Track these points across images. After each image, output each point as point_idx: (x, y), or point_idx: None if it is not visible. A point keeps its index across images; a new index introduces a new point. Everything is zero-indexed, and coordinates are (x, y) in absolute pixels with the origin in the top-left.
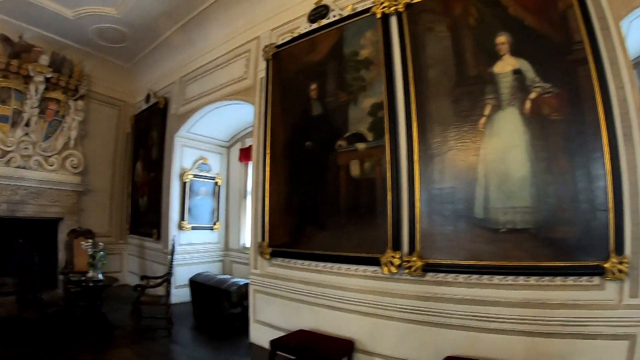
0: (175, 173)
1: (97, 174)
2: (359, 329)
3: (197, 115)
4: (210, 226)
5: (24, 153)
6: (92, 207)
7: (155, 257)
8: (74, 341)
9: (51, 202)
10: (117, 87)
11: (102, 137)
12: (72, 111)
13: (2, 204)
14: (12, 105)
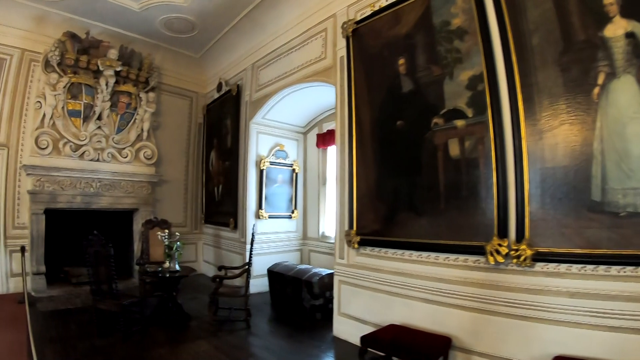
0: (252, 161)
1: (170, 165)
2: (457, 325)
3: (273, 101)
4: (288, 214)
5: (97, 146)
6: (166, 197)
7: (231, 247)
8: (149, 332)
9: (126, 193)
10: (187, 78)
11: (175, 128)
12: (144, 103)
13: (76, 197)
14: (83, 100)
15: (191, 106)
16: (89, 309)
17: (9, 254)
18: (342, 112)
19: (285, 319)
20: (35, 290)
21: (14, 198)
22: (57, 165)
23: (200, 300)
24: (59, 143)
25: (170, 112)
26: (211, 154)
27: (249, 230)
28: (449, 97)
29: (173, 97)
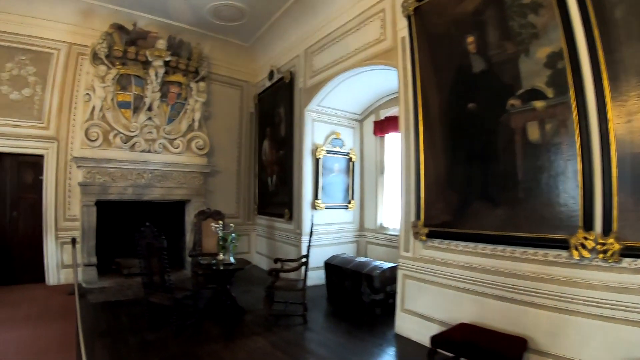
0: (307, 149)
1: (222, 155)
2: (532, 325)
3: (328, 87)
4: (345, 205)
5: (148, 137)
6: (218, 188)
7: (286, 238)
8: (202, 327)
9: (178, 184)
10: (237, 67)
11: (226, 118)
12: (195, 93)
13: (128, 188)
14: (133, 91)
15: (242, 95)
16: (141, 301)
17: (60, 245)
18: (405, 95)
19: (343, 313)
20: (86, 281)
21: (64, 190)
22: (107, 157)
23: (253, 293)
24: (109, 135)
25: (221, 102)
26: (264, 144)
27: (305, 222)
28: (525, 76)
29: (223, 86)
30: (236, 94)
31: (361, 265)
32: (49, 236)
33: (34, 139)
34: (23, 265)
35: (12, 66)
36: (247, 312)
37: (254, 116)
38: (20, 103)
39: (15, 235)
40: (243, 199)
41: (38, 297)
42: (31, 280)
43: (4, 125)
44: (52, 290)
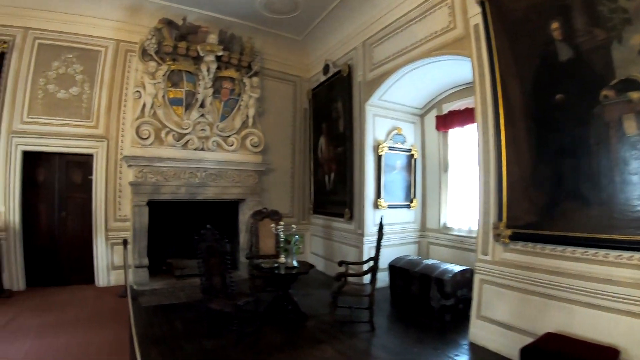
0: (369, 146)
1: (276, 153)
2: (626, 334)
3: (391, 80)
4: (407, 204)
5: (201, 135)
6: (273, 187)
7: (345, 239)
8: (264, 334)
9: (232, 183)
10: (289, 62)
11: (279, 115)
12: (248, 88)
13: (181, 188)
14: (184, 88)
15: (295, 91)
16: (195, 305)
17: (110, 246)
18: (481, 87)
19: (410, 319)
20: (137, 283)
21: (115, 190)
22: (159, 155)
23: (314, 296)
24: (161, 132)
25: (274, 98)
26: (320, 140)
27: (367, 222)
28: (619, 65)
29: (275, 82)
30: (289, 89)
31: (430, 268)
32: (98, 237)
33: (83, 138)
34: (72, 266)
35: (59, 65)
36: (310, 317)
37: (308, 112)
38: (67, 102)
39: (64, 236)
40: (298, 198)
41: (87, 299)
42: (80, 281)
43: (51, 125)
44: (102, 291)
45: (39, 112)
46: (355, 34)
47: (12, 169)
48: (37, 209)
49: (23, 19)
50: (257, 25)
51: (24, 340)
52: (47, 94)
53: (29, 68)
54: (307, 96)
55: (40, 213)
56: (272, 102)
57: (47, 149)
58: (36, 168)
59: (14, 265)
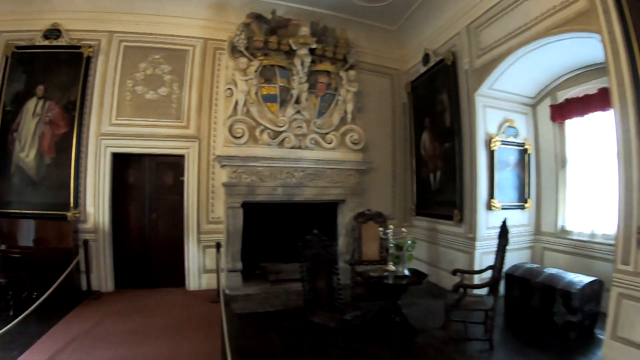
0: (480, 140)
1: (376, 151)
2: None
3: (503, 65)
4: (521, 205)
5: (297, 132)
6: (373, 187)
7: (452, 243)
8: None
9: (331, 183)
10: (384, 54)
11: (377, 110)
12: (345, 82)
13: (277, 189)
14: (278, 83)
15: (392, 85)
16: (292, 313)
17: (202, 249)
18: (616, 66)
19: (529, 336)
20: (229, 287)
21: (207, 192)
22: (254, 155)
23: (419, 307)
24: (255, 131)
25: (370, 93)
26: (422, 136)
27: (479, 224)
28: None
29: (371, 75)
30: (386, 83)
31: (554, 278)
32: (190, 239)
33: (174, 138)
34: (162, 268)
35: (146, 66)
36: (418, 332)
37: (407, 106)
38: (156, 102)
39: (154, 237)
40: (399, 199)
41: (177, 304)
42: (170, 284)
43: (141, 126)
44: (193, 296)
45: (127, 114)
46: (457, 17)
47: (101, 171)
48: (127, 210)
49: (107, 23)
50: (349, 16)
51: (106, 349)
52: (135, 95)
53: (115, 70)
54: (406, 89)
55: (130, 214)
56: (369, 97)
57: (137, 150)
58: (126, 170)
59: (102, 266)
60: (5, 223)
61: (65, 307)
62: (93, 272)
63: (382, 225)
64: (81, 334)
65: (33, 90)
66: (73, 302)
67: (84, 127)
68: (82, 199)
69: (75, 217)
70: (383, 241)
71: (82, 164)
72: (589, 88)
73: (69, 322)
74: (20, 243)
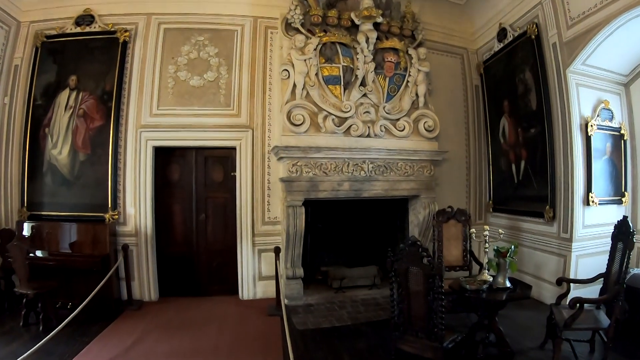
0: (575, 125)
1: (447, 139)
2: None
3: (600, 37)
4: (618, 199)
5: (365, 118)
6: (444, 180)
7: (540, 244)
8: None
9: (403, 176)
10: (452, 32)
11: (447, 94)
12: (415, 61)
13: (343, 183)
14: (341, 63)
15: (463, 65)
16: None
17: (257, 253)
18: None
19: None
20: (289, 297)
21: (262, 188)
22: (316, 145)
23: (509, 319)
24: (317, 117)
25: (439, 74)
26: (501, 122)
27: (576, 223)
28: None
29: (438, 55)
30: (456, 63)
31: None
32: (243, 242)
33: (223, 128)
34: (212, 275)
35: (189, 49)
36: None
37: (481, 89)
38: (202, 89)
39: (202, 241)
40: (474, 193)
41: (229, 317)
42: (221, 292)
43: (185, 116)
44: (247, 306)
45: (170, 103)
46: None
47: (142, 167)
48: (171, 211)
49: (144, 4)
50: None
51: None
52: (178, 81)
53: (155, 56)
54: (478, 70)
55: (175, 215)
56: (438, 79)
57: (182, 143)
58: (169, 165)
59: (145, 273)
60: (38, 227)
61: (103, 318)
62: (134, 280)
63: (465, 225)
64: (119, 355)
65: (65, 81)
66: (112, 313)
67: (121, 118)
68: (121, 199)
69: (114, 219)
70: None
71: (120, 160)
72: None
73: (105, 339)
74: (54, 249)
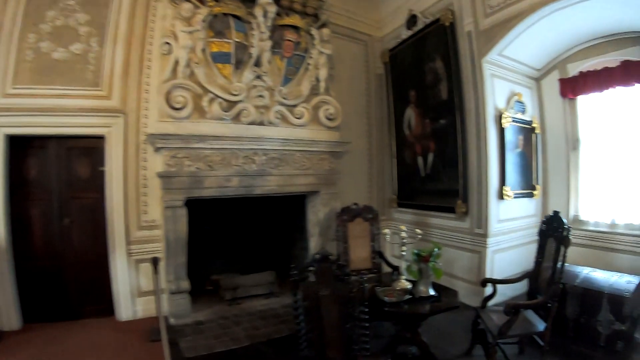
0: (490, 116)
1: (349, 130)
2: None
3: (522, 26)
4: (529, 192)
5: (258, 103)
6: (346, 173)
7: (451, 240)
8: None
9: (300, 170)
10: (357, 17)
11: (349, 82)
12: (317, 42)
13: (232, 179)
14: (233, 39)
15: (367, 53)
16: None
17: (134, 264)
18: None
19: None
20: (174, 315)
21: (137, 186)
22: (200, 133)
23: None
24: (201, 100)
25: (341, 61)
26: (406, 113)
27: (491, 217)
28: None
29: (343, 40)
30: (359, 50)
31: (594, 281)
32: (117, 252)
33: (90, 112)
34: (84, 292)
35: (55, 14)
36: None
37: (385, 78)
38: (67, 64)
39: (69, 252)
40: (377, 188)
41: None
42: (96, 313)
43: (45, 96)
44: (126, 330)
45: (26, 81)
46: None
47: None
48: (28, 215)
49: None
50: None
51: None
52: (40, 54)
53: (14, 21)
54: (382, 59)
55: (34, 221)
56: (340, 66)
57: (40, 130)
58: (26, 159)
59: (2, 296)
60: None
61: None
62: None
63: (372, 223)
64: None
65: None
66: None
67: None
68: None
69: None
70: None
71: None
72: (608, 60)
73: None
74: None
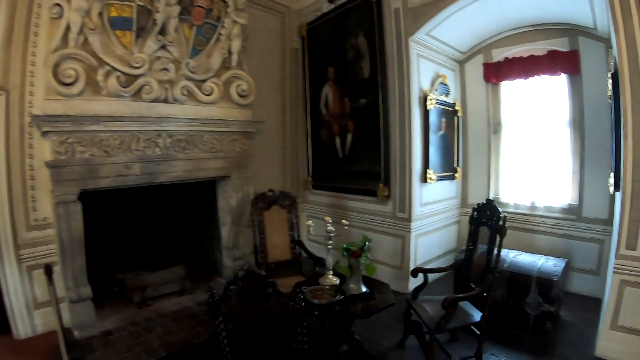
0: (415, 97)
1: (262, 107)
2: None
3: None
4: (451, 175)
5: (162, 77)
6: (258, 155)
7: (372, 224)
8: None
9: (210, 153)
10: None
11: (262, 56)
12: (232, 10)
13: (132, 165)
14: (135, 2)
15: (283, 25)
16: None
17: (26, 272)
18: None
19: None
20: (78, 326)
21: (23, 177)
22: (95, 113)
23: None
24: (96, 74)
25: (255, 32)
26: (323, 91)
27: (415, 201)
28: None
29: (258, 10)
30: (275, 22)
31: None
32: (5, 259)
33: None
34: None
35: None
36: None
37: (302, 53)
38: None
39: None
40: (291, 170)
41: None
42: None
43: None
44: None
45: None
46: None
47: None
48: None
49: None
50: None
51: None
52: None
53: None
54: (299, 33)
55: None
56: (254, 39)
57: None
58: None
59: None
60: None
61: None
62: None
63: (290, 211)
64: None
65: None
66: None
67: None
68: None
69: None
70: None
71: None
72: (535, 49)
73: None
74: None
